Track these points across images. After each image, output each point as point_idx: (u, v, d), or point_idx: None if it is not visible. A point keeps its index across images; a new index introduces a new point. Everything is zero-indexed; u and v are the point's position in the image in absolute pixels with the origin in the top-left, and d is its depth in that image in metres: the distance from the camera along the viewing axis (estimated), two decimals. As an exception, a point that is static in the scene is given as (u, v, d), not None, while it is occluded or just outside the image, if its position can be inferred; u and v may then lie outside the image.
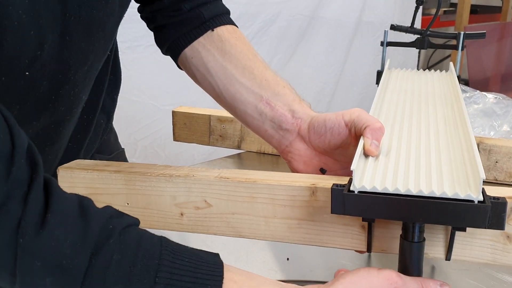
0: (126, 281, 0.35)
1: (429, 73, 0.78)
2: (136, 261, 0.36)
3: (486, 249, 0.42)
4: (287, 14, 1.69)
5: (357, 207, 0.39)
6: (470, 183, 0.39)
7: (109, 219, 0.38)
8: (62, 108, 0.51)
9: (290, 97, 0.57)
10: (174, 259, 0.37)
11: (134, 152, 1.41)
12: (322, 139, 0.53)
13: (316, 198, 0.46)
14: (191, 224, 0.51)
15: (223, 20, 0.61)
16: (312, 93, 1.89)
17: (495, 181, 0.76)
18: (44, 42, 0.43)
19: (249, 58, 0.59)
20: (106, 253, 0.36)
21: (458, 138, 0.48)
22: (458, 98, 0.59)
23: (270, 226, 0.48)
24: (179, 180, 0.50)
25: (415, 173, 0.42)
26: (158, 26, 0.63)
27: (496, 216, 0.37)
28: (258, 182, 0.47)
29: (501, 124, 1.06)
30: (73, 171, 0.53)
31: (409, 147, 0.47)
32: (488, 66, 2.25)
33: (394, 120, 0.55)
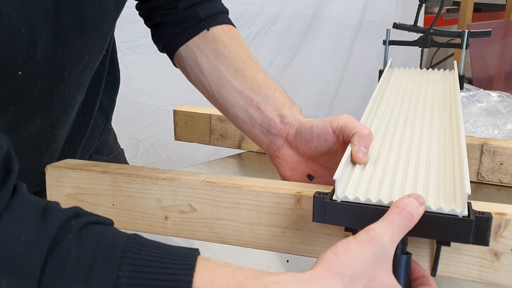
0: (86, 277, 0.33)
1: (431, 72, 0.77)
2: (97, 256, 0.34)
3: (472, 266, 0.41)
4: (289, 13, 1.68)
5: (339, 216, 0.38)
6: (456, 197, 0.38)
7: (72, 217, 0.36)
8: (57, 109, 0.50)
9: (281, 101, 0.56)
10: (141, 251, 0.35)
11: (136, 153, 1.41)
12: (308, 145, 0.52)
13: (301, 206, 0.45)
14: (175, 228, 0.50)
15: (220, 19, 0.61)
16: (315, 93, 1.88)
17: (500, 183, 0.75)
18: (37, 41, 0.42)
19: (242, 60, 0.58)
20: (63, 249, 0.34)
21: (450, 147, 0.47)
22: (456, 101, 0.58)
23: (254, 233, 0.48)
24: (165, 183, 0.49)
25: (401, 184, 0.41)
26: (154, 24, 0.63)
27: (481, 231, 0.36)
28: (244, 188, 0.47)
29: (505, 123, 1.04)
30: (60, 170, 0.53)
31: (399, 155, 0.46)
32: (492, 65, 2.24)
33: (387, 124, 0.54)
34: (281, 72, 1.73)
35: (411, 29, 0.88)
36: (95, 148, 0.68)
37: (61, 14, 0.43)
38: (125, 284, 0.33)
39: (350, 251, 0.34)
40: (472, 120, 1.09)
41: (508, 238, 0.39)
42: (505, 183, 0.75)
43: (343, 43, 1.89)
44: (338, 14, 1.83)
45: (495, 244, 0.40)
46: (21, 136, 0.50)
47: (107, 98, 0.66)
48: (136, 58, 1.31)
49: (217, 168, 0.92)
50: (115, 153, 0.77)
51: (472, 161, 0.75)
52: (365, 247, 0.34)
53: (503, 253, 0.40)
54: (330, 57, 1.87)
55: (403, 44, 0.85)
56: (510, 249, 0.40)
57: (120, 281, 0.33)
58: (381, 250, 0.35)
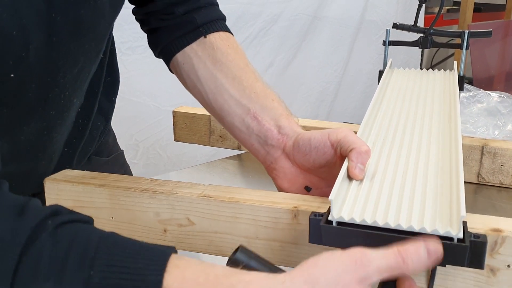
0: (58, 275, 0.33)
1: (431, 73, 0.77)
2: (69, 255, 0.33)
3: (469, 281, 0.41)
4: (289, 13, 1.68)
5: (334, 239, 0.38)
6: (452, 219, 0.38)
7: (50, 216, 0.35)
8: (52, 112, 0.50)
9: (278, 112, 0.55)
10: (113, 250, 0.34)
11: (136, 153, 1.41)
12: (306, 158, 0.52)
13: (298, 222, 0.45)
14: (174, 240, 0.51)
15: (217, 26, 0.60)
16: (315, 93, 1.88)
17: (501, 185, 0.74)
18: (29, 42, 0.41)
19: (240, 68, 0.58)
20: (36, 248, 0.33)
21: (448, 161, 0.47)
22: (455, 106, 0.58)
23: (253, 247, 0.47)
24: (162, 197, 0.50)
25: (397, 203, 0.41)
26: (151, 29, 0.62)
27: (476, 255, 0.36)
28: (241, 203, 0.47)
29: (506, 123, 1.04)
30: (59, 183, 0.53)
31: (396, 170, 0.46)
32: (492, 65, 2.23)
33: (386, 133, 0.54)
34: (282, 72, 1.73)
35: (411, 29, 0.88)
36: (95, 149, 0.68)
37: (54, 15, 0.43)
38: (96, 284, 0.33)
39: (332, 263, 0.34)
40: (473, 121, 1.09)
41: (504, 255, 0.39)
42: (506, 185, 0.74)
43: (343, 43, 1.89)
44: (338, 14, 1.82)
45: (491, 260, 0.40)
46: (17, 139, 0.49)
47: (107, 100, 0.66)
48: (136, 58, 1.31)
49: (217, 169, 0.92)
50: (114, 154, 0.76)
51: (472, 163, 0.74)
52: (349, 265, 0.34)
53: (500, 269, 0.40)
54: (330, 57, 1.87)
55: (403, 44, 0.85)
56: (507, 265, 0.40)
57: (92, 281, 0.33)
58: (364, 274, 0.34)
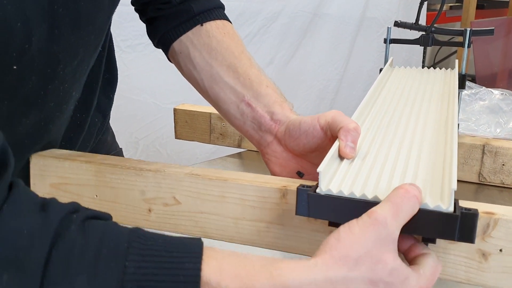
0: (91, 269, 0.32)
1: (432, 71, 0.76)
2: (102, 246, 0.33)
3: (460, 266, 0.40)
4: (290, 11, 1.68)
5: (322, 209, 0.38)
6: (443, 194, 0.37)
7: (73, 211, 0.35)
8: (51, 104, 0.50)
9: (272, 98, 0.55)
10: (146, 241, 0.34)
11: (135, 151, 1.41)
12: (297, 142, 0.52)
13: (286, 201, 0.44)
14: (158, 221, 0.50)
15: (214, 14, 0.60)
16: (316, 91, 1.87)
17: (502, 184, 0.74)
18: (32, 34, 0.41)
19: (235, 56, 0.58)
20: (67, 241, 0.33)
21: (443, 145, 0.46)
22: (454, 101, 0.57)
23: (239, 228, 0.47)
24: (149, 174, 0.49)
25: (388, 179, 0.40)
26: (149, 19, 0.63)
27: (466, 228, 0.35)
28: (229, 181, 0.46)
29: (508, 121, 1.03)
30: (45, 158, 0.53)
31: (389, 152, 0.45)
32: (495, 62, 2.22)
33: (381, 121, 0.53)
34: (282, 70, 1.72)
35: (413, 27, 0.87)
36: (93, 147, 0.68)
37: (56, 8, 0.43)
38: (132, 274, 0.33)
39: (353, 235, 0.34)
40: (474, 118, 1.08)
41: (496, 238, 0.38)
42: (507, 185, 0.73)
43: (344, 40, 1.88)
44: (339, 12, 1.82)
45: (483, 244, 0.39)
46: (15, 132, 0.49)
47: (105, 97, 0.66)
48: (135, 56, 1.30)
49: (217, 167, 0.92)
50: (113, 152, 0.76)
51: (473, 162, 0.74)
52: (367, 230, 0.34)
53: (491, 253, 0.39)
54: (331, 55, 1.86)
55: (404, 42, 0.84)
56: (499, 250, 0.38)
57: (128, 271, 0.32)
58: (384, 232, 0.34)
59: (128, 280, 0.32)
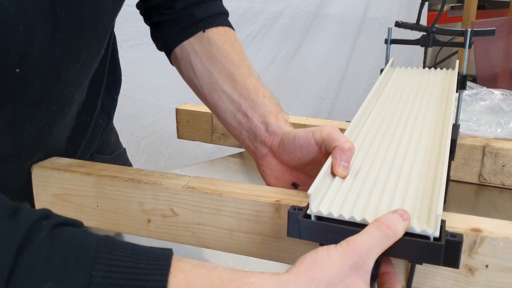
0: (57, 277, 0.32)
1: (433, 72, 0.76)
2: (69, 255, 0.32)
3: (447, 280, 0.41)
4: (291, 11, 1.68)
5: (311, 233, 0.38)
6: (429, 218, 0.38)
7: (43, 218, 0.35)
8: (54, 107, 0.50)
9: (268, 108, 0.55)
10: (114, 251, 0.34)
11: (137, 150, 1.41)
12: (292, 156, 0.52)
13: (280, 215, 0.45)
14: (158, 231, 0.51)
15: (217, 21, 0.60)
16: (317, 91, 1.88)
17: (502, 185, 0.74)
18: (35, 37, 0.42)
19: (234, 64, 0.58)
20: (34, 248, 0.32)
21: (435, 163, 0.46)
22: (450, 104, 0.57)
23: (234, 239, 0.48)
24: (147, 187, 0.50)
25: (377, 200, 0.40)
26: (153, 23, 0.63)
27: (451, 254, 0.36)
28: (224, 195, 0.47)
29: (508, 121, 1.04)
30: (46, 170, 0.53)
31: (380, 169, 0.45)
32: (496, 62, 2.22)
33: (377, 132, 0.53)
34: (283, 70, 1.73)
35: (414, 27, 0.87)
36: (97, 147, 0.68)
37: (58, 11, 0.43)
38: (98, 284, 0.32)
39: (330, 259, 0.34)
40: (475, 118, 1.09)
41: (482, 255, 0.39)
42: (508, 186, 0.73)
43: (345, 41, 1.88)
44: (340, 12, 1.82)
45: (470, 260, 0.40)
46: (19, 136, 0.50)
47: (109, 98, 0.66)
48: (137, 56, 1.31)
49: (219, 167, 0.92)
50: (117, 152, 0.77)
51: (474, 163, 0.74)
52: (345, 257, 0.34)
53: (478, 269, 0.40)
54: (332, 55, 1.87)
55: (405, 43, 0.84)
56: (485, 266, 0.39)
57: (94, 281, 0.32)
58: (360, 261, 0.34)
59: None
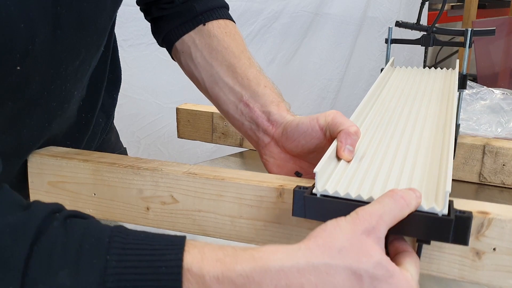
0: (73, 264, 0.32)
1: (433, 71, 0.76)
2: (84, 242, 0.33)
3: (454, 264, 0.40)
4: (291, 10, 1.68)
5: (318, 211, 0.38)
6: (437, 196, 0.37)
7: (56, 210, 0.36)
8: (53, 104, 0.50)
9: (269, 98, 0.55)
10: (128, 236, 0.34)
11: (137, 150, 1.41)
12: (295, 143, 0.52)
13: (283, 200, 0.45)
14: (156, 219, 0.50)
15: (217, 14, 0.61)
16: (317, 90, 1.88)
17: (503, 185, 0.73)
18: (36, 35, 0.42)
19: (235, 55, 0.58)
20: (49, 237, 0.33)
21: (440, 147, 0.46)
22: (452, 102, 0.58)
23: (236, 226, 0.47)
24: (147, 173, 0.49)
25: (384, 181, 0.40)
26: (153, 18, 0.63)
27: (460, 231, 0.35)
28: (226, 180, 0.46)
29: (509, 120, 1.04)
30: (42, 157, 0.53)
31: (386, 153, 0.46)
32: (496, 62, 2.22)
33: (380, 121, 0.53)
34: (283, 69, 1.73)
35: (414, 27, 0.87)
36: (97, 146, 0.69)
37: (59, 8, 0.43)
38: (114, 267, 0.33)
39: (339, 227, 0.34)
40: (476, 118, 1.09)
41: (490, 237, 0.39)
42: (508, 185, 0.73)
43: (345, 40, 1.88)
44: (340, 11, 1.82)
45: (477, 243, 0.39)
46: (19, 133, 0.50)
47: (108, 97, 0.66)
48: (137, 56, 1.31)
49: (219, 166, 0.92)
50: (117, 152, 0.77)
51: (474, 162, 0.74)
52: (355, 224, 0.34)
53: (485, 252, 0.39)
54: (332, 54, 1.87)
55: (405, 42, 0.84)
56: (492, 249, 0.39)
57: (109, 265, 0.33)
58: (371, 228, 0.34)
59: (110, 274, 0.32)
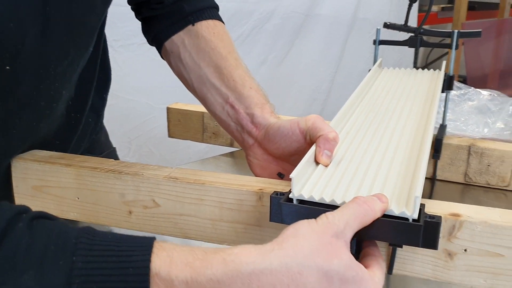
0: (38, 265, 0.32)
1: (420, 72, 0.77)
2: (49, 243, 0.33)
3: (427, 265, 0.41)
4: (282, 11, 1.69)
5: (293, 217, 0.39)
6: (408, 200, 0.38)
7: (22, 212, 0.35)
8: (42, 103, 0.51)
9: (254, 100, 0.56)
10: (94, 237, 0.34)
11: (128, 151, 1.41)
12: (276, 146, 0.53)
13: (262, 204, 0.46)
14: (139, 222, 0.51)
15: (206, 14, 0.61)
16: (308, 91, 1.89)
17: (488, 185, 0.74)
18: (25, 35, 0.42)
19: (222, 56, 0.59)
20: (14, 238, 0.33)
21: (417, 151, 0.47)
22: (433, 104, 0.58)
23: (217, 229, 0.48)
24: (128, 178, 0.50)
25: (358, 185, 0.41)
26: (144, 18, 0.64)
27: (430, 235, 0.36)
28: (207, 184, 0.47)
29: (495, 121, 1.05)
30: (26, 162, 0.53)
31: (363, 158, 0.46)
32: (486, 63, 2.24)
33: (361, 125, 0.54)
34: (275, 70, 1.73)
35: (402, 28, 0.88)
36: (87, 146, 0.69)
37: (49, 9, 0.44)
38: (80, 269, 0.32)
39: (311, 229, 0.35)
40: (463, 119, 1.10)
41: (461, 239, 0.40)
42: (493, 185, 0.74)
43: (336, 41, 1.89)
44: (331, 12, 1.83)
45: (449, 245, 0.40)
46: (10, 134, 0.50)
47: (98, 97, 0.66)
48: (129, 56, 1.31)
49: (210, 166, 0.93)
50: (107, 152, 0.77)
51: (460, 163, 0.75)
52: (325, 227, 0.35)
53: (457, 253, 0.40)
54: (323, 56, 1.88)
55: (392, 44, 0.85)
56: (464, 250, 0.40)
57: (75, 266, 0.32)
58: (339, 232, 0.35)
59: (76, 275, 0.32)
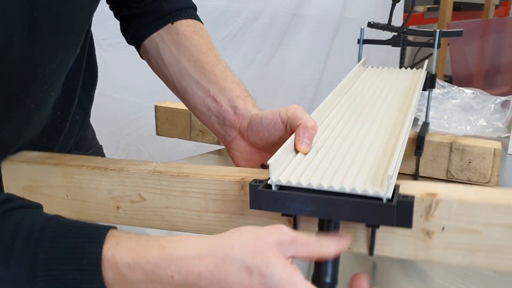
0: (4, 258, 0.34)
1: (402, 71, 0.79)
2: (15, 237, 0.35)
3: (407, 245, 0.42)
4: (270, 11, 1.70)
5: (271, 203, 0.40)
6: (383, 181, 0.39)
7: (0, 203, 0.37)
8: (31, 105, 0.51)
9: (235, 93, 0.57)
10: (57, 229, 0.37)
11: (116, 149, 1.41)
12: (259, 136, 0.54)
13: (245, 193, 0.47)
14: (127, 217, 0.52)
15: (185, 14, 0.62)
16: (296, 90, 1.90)
17: (469, 181, 0.75)
18: (13, 37, 0.42)
19: (202, 52, 0.60)
20: None
21: (394, 138, 0.48)
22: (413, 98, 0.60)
23: (203, 220, 0.49)
24: (114, 174, 0.51)
25: (335, 169, 0.42)
26: (123, 16, 0.65)
27: (404, 215, 0.37)
28: (191, 177, 0.48)
29: (477, 119, 1.07)
30: (15, 163, 0.54)
31: (342, 146, 0.47)
32: (471, 63, 2.27)
33: (342, 118, 0.55)
34: (262, 69, 1.74)
35: (386, 28, 0.90)
36: (74, 143, 0.69)
37: (36, 10, 0.44)
38: (43, 260, 0.35)
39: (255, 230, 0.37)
40: (447, 116, 1.12)
41: (438, 218, 0.40)
42: (474, 181, 0.75)
43: (323, 41, 1.91)
44: (318, 12, 1.84)
45: (426, 224, 0.41)
46: (1, 136, 0.50)
47: (85, 95, 0.67)
48: (116, 54, 1.31)
49: (197, 163, 0.93)
50: (94, 149, 0.77)
51: (441, 159, 0.76)
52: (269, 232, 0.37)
53: (435, 232, 0.41)
54: (310, 55, 1.89)
55: (376, 43, 0.87)
56: (441, 228, 0.41)
57: (40, 256, 0.35)
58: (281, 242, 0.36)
59: (39, 265, 0.35)
